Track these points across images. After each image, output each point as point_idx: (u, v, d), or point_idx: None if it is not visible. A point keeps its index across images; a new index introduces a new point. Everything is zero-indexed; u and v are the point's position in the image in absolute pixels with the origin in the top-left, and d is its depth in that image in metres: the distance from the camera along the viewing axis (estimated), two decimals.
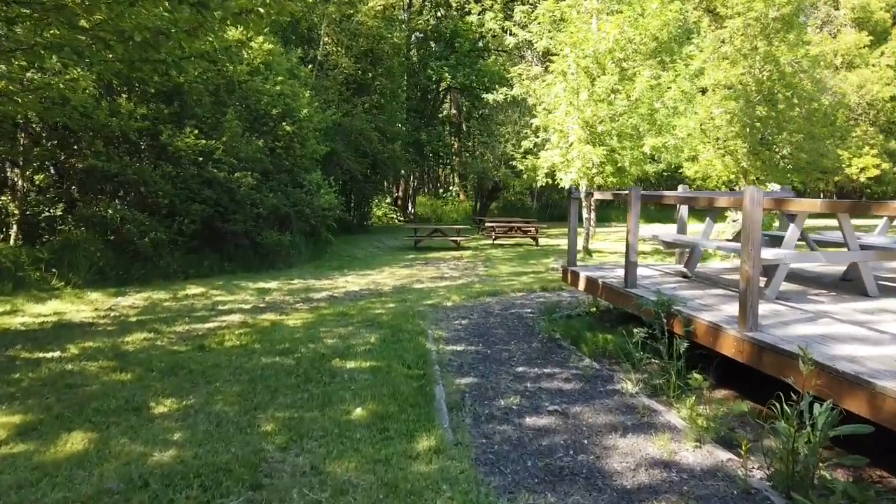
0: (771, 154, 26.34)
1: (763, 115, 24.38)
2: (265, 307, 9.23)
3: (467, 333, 7.53)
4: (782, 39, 23.64)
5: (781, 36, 23.69)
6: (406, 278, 12.39)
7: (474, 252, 17.51)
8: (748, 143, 24.96)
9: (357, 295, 10.40)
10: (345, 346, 6.74)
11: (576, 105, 14.54)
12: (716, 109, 22.07)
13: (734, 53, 22.68)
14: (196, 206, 12.00)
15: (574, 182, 15.13)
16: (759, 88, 23.89)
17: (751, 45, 23.35)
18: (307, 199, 14.62)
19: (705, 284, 7.06)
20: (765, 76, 24.12)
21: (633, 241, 6.74)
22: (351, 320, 8.24)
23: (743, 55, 23.11)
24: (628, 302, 6.60)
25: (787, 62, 23.81)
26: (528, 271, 13.41)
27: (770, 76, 24.14)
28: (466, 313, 8.77)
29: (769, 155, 26.35)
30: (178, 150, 12.04)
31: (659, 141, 14.21)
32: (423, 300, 9.75)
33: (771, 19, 23.29)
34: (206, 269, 12.27)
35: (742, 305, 4.79)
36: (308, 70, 18.32)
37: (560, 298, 9.98)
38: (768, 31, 23.31)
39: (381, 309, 9.02)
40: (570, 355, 6.54)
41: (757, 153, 25.76)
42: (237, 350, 6.69)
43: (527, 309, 9.11)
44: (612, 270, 8.14)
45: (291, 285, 11.44)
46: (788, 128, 24.51)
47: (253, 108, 14.43)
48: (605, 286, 7.18)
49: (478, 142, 29.94)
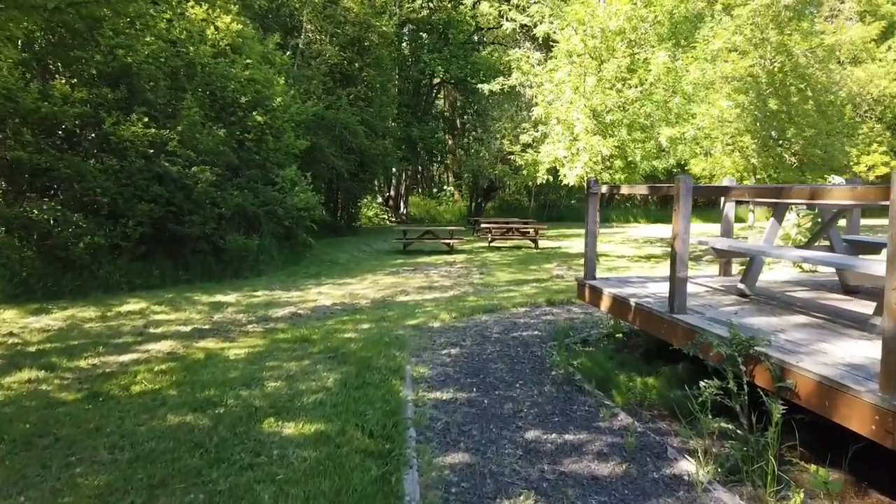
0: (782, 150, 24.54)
1: (774, 108, 22.57)
2: (209, 329, 7.32)
3: (458, 370, 5.64)
4: (795, 28, 21.83)
5: (794, 25, 21.89)
6: (389, 288, 10.49)
7: (468, 256, 15.62)
8: (758, 138, 23.15)
9: (327, 311, 8.49)
10: (289, 395, 4.84)
11: (582, 92, 12.68)
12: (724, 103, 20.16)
13: (744, 43, 20.84)
14: (143, 206, 10.07)
15: (579, 178, 13.27)
16: (771, 81, 22.08)
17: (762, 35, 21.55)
18: (280, 197, 12.70)
19: (776, 307, 5.19)
20: (776, 67, 22.31)
21: (683, 249, 4.86)
22: (310, 349, 6.34)
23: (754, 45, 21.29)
24: (676, 333, 4.72)
25: (800, 52, 22.01)
26: (529, 279, 11.53)
27: (782, 67, 22.33)
28: (457, 338, 6.88)
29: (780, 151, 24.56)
30: (122, 141, 10.12)
31: (676, 131, 12.33)
32: (405, 318, 7.86)
33: (783, 6, 21.39)
34: (157, 278, 10.35)
35: (889, 356, 2.93)
36: (286, 57, 16.39)
37: (571, 316, 8.11)
38: (780, 19, 21.51)
39: (351, 332, 7.12)
40: (597, 407, 4.66)
41: (767, 149, 23.95)
42: (142, 400, 4.79)
43: (532, 331, 7.23)
44: (642, 286, 6.26)
45: (253, 298, 9.54)
46: (801, 122, 22.72)
47: (218, 95, 12.50)
48: (641, 310, 5.29)
49: (473, 138, 28.02)
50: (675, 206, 4.87)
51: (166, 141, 10.63)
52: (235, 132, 12.61)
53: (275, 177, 13.05)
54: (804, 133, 22.90)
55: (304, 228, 14.01)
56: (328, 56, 19.14)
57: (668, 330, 4.88)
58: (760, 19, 20.89)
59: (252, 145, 12.91)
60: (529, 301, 8.95)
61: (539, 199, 29.91)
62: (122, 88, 10.67)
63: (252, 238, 11.79)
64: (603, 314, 7.02)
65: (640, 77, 12.50)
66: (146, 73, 10.94)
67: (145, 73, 10.94)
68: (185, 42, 11.94)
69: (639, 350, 6.31)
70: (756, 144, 23.18)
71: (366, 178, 22.40)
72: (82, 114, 10.03)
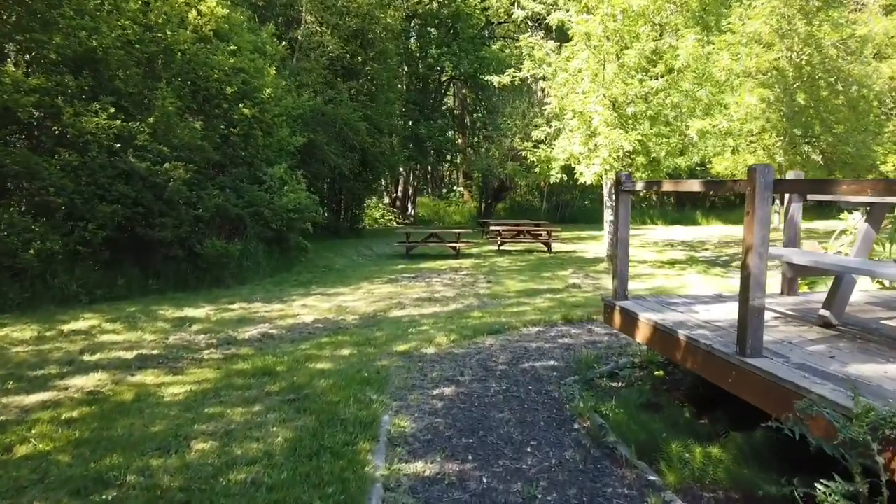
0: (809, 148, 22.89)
1: (802, 104, 20.94)
2: (155, 357, 5.98)
3: (450, 422, 4.25)
4: (825, 18, 20.20)
5: (823, 15, 20.26)
6: (384, 300, 9.12)
7: (476, 261, 14.21)
8: (785, 135, 21.53)
9: (305, 331, 7.13)
10: (215, 469, 3.48)
11: (601, 80, 11.23)
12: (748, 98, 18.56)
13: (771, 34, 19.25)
14: (105, 207, 8.77)
15: (597, 176, 11.83)
16: (798, 74, 20.47)
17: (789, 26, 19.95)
18: (267, 198, 11.36)
19: (880, 343, 3.75)
20: (804, 60, 20.68)
21: (759, 268, 3.43)
22: (270, 386, 4.98)
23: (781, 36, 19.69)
24: (750, 386, 3.32)
25: (830, 44, 20.37)
26: (542, 289, 10.12)
27: (810, 60, 20.70)
28: (454, 370, 5.48)
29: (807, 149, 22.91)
30: (82, 134, 8.82)
31: (707, 123, 10.84)
32: (394, 342, 6.47)
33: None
34: (122, 289, 9.05)
35: None
36: (280, 47, 15.07)
37: (593, 338, 6.69)
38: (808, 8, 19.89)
39: (326, 361, 5.75)
40: (641, 490, 3.26)
41: (795, 147, 22.32)
42: (17, 472, 3.45)
43: (547, 359, 5.82)
44: (690, 310, 4.80)
45: (226, 312, 8.20)
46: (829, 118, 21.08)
47: (201, 85, 11.18)
48: (696, 348, 3.87)
49: (483, 136, 26.56)
50: (748, 207, 3.45)
51: (135, 134, 9.32)
52: (219, 126, 11.31)
53: (262, 175, 11.72)
54: (833, 129, 21.26)
55: (297, 231, 12.68)
56: (329, 48, 17.79)
57: (738, 380, 3.46)
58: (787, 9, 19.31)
59: (238, 140, 11.59)
60: (543, 318, 7.53)
61: (551, 200, 28.39)
62: (85, 75, 9.39)
63: (234, 243, 10.45)
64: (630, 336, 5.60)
65: (666, 63, 11.02)
66: (114, 58, 9.64)
67: (113, 59, 9.63)
68: (162, 26, 10.64)
69: (685, 388, 4.89)
70: (782, 142, 21.59)
71: (370, 178, 21.03)
72: (38, 103, 8.76)
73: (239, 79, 11.65)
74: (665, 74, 11.33)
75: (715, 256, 15.08)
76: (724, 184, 6.04)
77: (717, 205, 32.24)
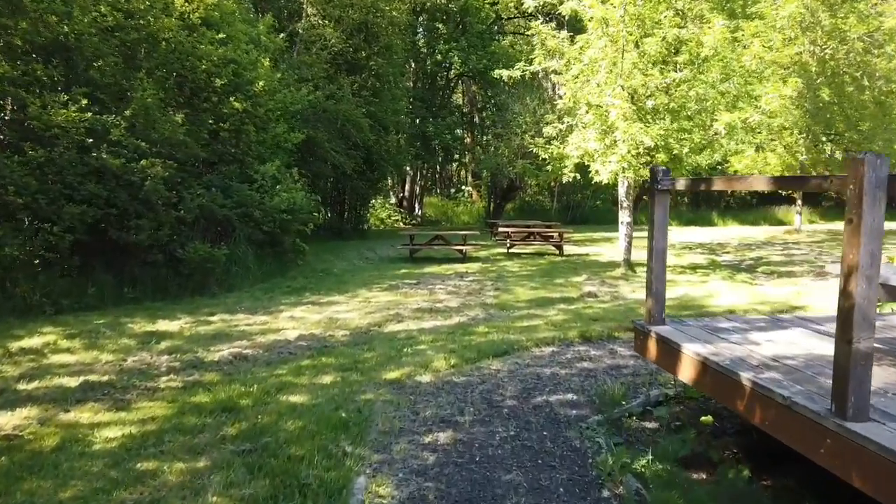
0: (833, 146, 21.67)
1: (826, 100, 19.74)
2: (104, 384, 5.03)
3: (442, 491, 3.26)
4: (850, 10, 18.98)
5: (849, 6, 19.05)
6: (381, 311, 8.16)
7: (483, 265, 13.21)
8: (808, 133, 20.35)
9: (285, 351, 6.17)
10: None
11: (619, 70, 10.21)
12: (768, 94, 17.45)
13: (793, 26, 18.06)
14: (73, 208, 7.85)
15: (613, 175, 10.82)
16: (822, 69, 19.27)
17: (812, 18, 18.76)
18: (257, 198, 10.42)
19: None
20: (827, 54, 19.48)
21: (866, 296, 2.43)
22: (226, 429, 4.03)
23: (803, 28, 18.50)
24: (857, 466, 2.33)
25: (856, 36, 19.15)
26: (554, 297, 9.12)
27: (834, 54, 19.50)
28: (452, 407, 4.50)
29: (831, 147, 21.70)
30: (49, 128, 7.92)
31: (736, 116, 9.77)
32: (385, 366, 5.50)
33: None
34: (93, 298, 8.14)
35: None
36: (279, 39, 14.15)
37: (616, 361, 5.70)
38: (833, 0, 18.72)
39: (301, 393, 4.79)
40: None
41: (818, 145, 21.11)
42: None
43: (563, 391, 4.83)
44: (746, 338, 3.78)
45: (203, 325, 7.28)
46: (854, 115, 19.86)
47: (189, 77, 10.26)
48: (767, 399, 2.86)
49: (493, 134, 25.52)
50: (850, 212, 2.45)
51: (109, 128, 8.41)
52: (207, 120, 10.39)
53: (254, 173, 10.79)
54: (858, 126, 20.05)
55: (293, 233, 11.73)
56: (331, 42, 16.83)
57: (837, 453, 2.47)
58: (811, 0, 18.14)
59: (228, 136, 10.66)
60: (558, 336, 6.53)
61: (562, 200, 27.31)
62: (56, 64, 8.50)
63: (220, 247, 9.52)
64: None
65: (690, 51, 9.98)
66: (89, 46, 8.74)
67: (88, 47, 8.73)
68: (144, 13, 9.72)
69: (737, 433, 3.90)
70: (804, 140, 20.40)
71: (375, 177, 20.08)
72: (1, 93, 7.88)
73: (229, 70, 10.72)
74: (689, 64, 10.30)
75: (738, 260, 14.00)
76: (808, 180, 4.98)
77: (732, 205, 31.01)
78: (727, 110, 9.95)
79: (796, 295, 9.17)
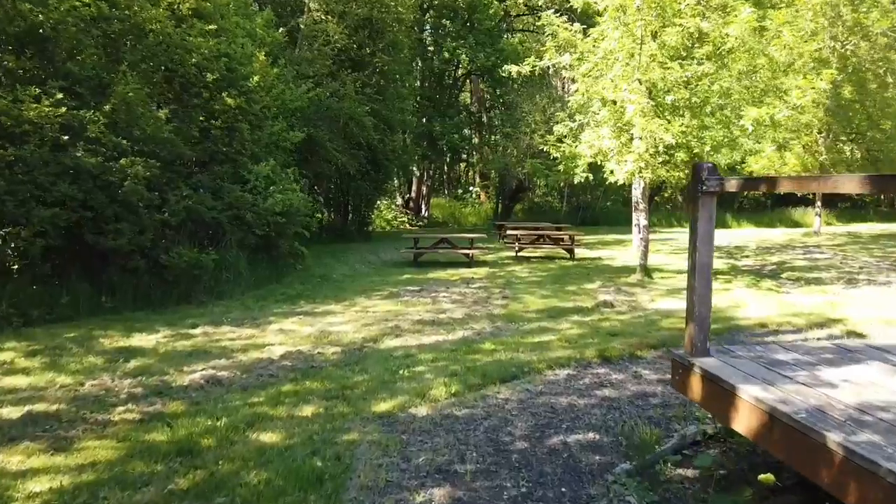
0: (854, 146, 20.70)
1: (848, 97, 18.81)
2: (49, 417, 4.31)
3: None
4: (873, 4, 18.05)
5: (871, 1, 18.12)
6: (379, 323, 7.41)
7: (490, 270, 12.44)
8: (828, 132, 19.43)
9: (266, 373, 5.43)
10: None
11: (637, 63, 9.42)
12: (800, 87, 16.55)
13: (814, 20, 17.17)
14: (43, 211, 7.15)
15: (629, 175, 10.04)
16: (843, 66, 18.34)
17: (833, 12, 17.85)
18: (250, 199, 9.71)
19: None
20: (849, 51, 18.56)
21: None
22: (175, 481, 3.30)
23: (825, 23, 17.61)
24: None
25: (880, 32, 18.22)
26: (567, 307, 8.35)
27: (856, 51, 18.58)
28: (451, 451, 3.74)
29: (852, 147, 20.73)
30: (20, 124, 7.23)
31: (764, 112, 8.95)
32: (376, 394, 4.75)
33: None
34: (68, 308, 7.44)
35: None
36: (278, 34, 13.45)
37: (642, 388, 4.92)
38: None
39: (275, 430, 4.05)
40: None
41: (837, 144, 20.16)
42: None
43: (584, 430, 4.06)
44: (813, 376, 3.00)
45: (182, 339, 6.57)
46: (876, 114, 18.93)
47: (179, 71, 9.57)
48: (871, 475, 2.09)
49: (501, 133, 24.73)
50: None
51: (86, 124, 7.72)
52: (198, 117, 9.69)
53: (247, 174, 10.08)
54: (881, 125, 19.10)
55: (290, 237, 11.02)
56: (334, 37, 16.09)
57: None
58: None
59: (221, 134, 9.96)
60: (574, 356, 5.75)
61: (572, 201, 26.47)
62: (29, 55, 7.82)
63: (209, 251, 8.81)
64: None
65: (714, 42, 9.17)
66: (66, 36, 8.05)
67: (65, 38, 8.05)
68: (130, 2, 9.04)
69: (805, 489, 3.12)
70: (824, 139, 19.48)
71: (379, 178, 19.32)
72: None
73: (222, 64, 10.01)
74: (712, 56, 9.49)
75: (759, 265, 13.14)
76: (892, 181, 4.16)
77: (745, 206, 30.01)
78: (755, 105, 9.13)
79: (830, 306, 8.33)
